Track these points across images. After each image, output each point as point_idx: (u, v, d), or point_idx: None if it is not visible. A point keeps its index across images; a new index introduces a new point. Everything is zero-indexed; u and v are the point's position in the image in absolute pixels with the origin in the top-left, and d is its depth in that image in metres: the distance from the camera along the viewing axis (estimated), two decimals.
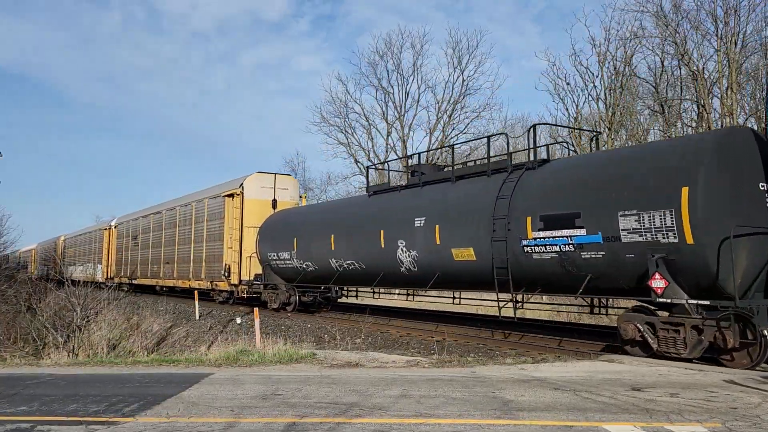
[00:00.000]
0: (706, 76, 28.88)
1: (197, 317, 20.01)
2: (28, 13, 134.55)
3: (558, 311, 19.02)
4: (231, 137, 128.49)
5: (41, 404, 6.89)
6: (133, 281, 35.55)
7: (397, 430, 5.58)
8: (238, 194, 23.84)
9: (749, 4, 27.57)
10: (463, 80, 40.18)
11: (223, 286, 24.46)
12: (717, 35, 28.18)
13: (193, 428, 5.74)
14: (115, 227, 41.64)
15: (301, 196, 25.74)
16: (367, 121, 42.83)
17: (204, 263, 26.15)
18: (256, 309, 13.08)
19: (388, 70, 42.64)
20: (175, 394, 7.28)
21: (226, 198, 24.32)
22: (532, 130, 13.40)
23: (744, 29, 28.00)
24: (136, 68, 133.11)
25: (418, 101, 42.55)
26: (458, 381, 8.06)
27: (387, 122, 41.85)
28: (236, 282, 23.50)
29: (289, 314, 20.47)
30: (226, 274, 23.55)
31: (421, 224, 14.39)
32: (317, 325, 17.10)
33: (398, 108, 41.80)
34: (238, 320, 16.38)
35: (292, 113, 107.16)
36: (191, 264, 27.68)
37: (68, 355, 11.19)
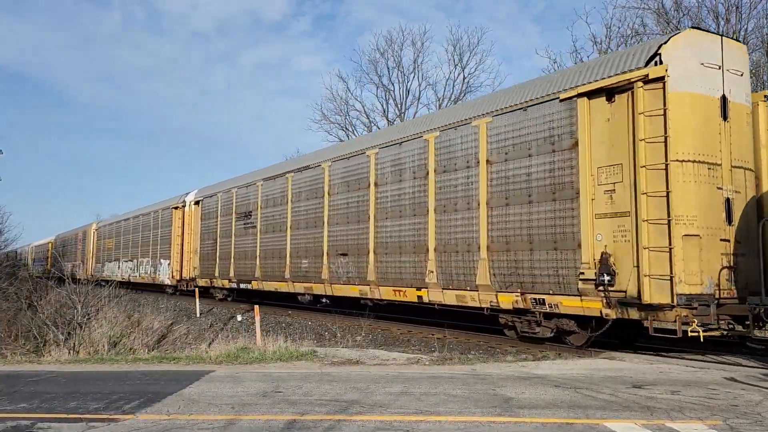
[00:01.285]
0: None
1: (198, 315, 20.01)
2: (28, 13, 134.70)
3: None
4: (231, 137, 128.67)
5: (41, 401, 6.89)
6: (244, 286, 22.05)
7: (397, 427, 5.57)
8: (656, 80, 9.62)
9: (750, 1, 27.53)
10: (464, 78, 40.06)
11: (581, 305, 10.45)
12: (718, 32, 28.14)
13: (194, 426, 5.74)
14: (197, 203, 27.27)
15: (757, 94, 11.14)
16: (368, 118, 42.76)
17: (486, 254, 12.15)
18: (256, 306, 13.07)
19: (388, 68, 42.52)
20: (176, 392, 7.27)
21: (584, 101, 10.56)
22: None
23: (745, 26, 27.95)
24: (136, 68, 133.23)
25: (419, 99, 42.46)
26: (459, 378, 8.05)
27: (387, 120, 41.78)
28: (664, 300, 9.21)
29: (289, 312, 19.59)
30: (604, 277, 9.89)
31: None
32: (318, 322, 17.10)
33: (399, 105, 41.73)
34: (239, 318, 16.39)
35: (292, 113, 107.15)
36: (426, 255, 13.59)
37: (69, 353, 11.20)
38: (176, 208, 29.17)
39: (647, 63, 9.82)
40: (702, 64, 9.98)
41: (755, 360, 9.64)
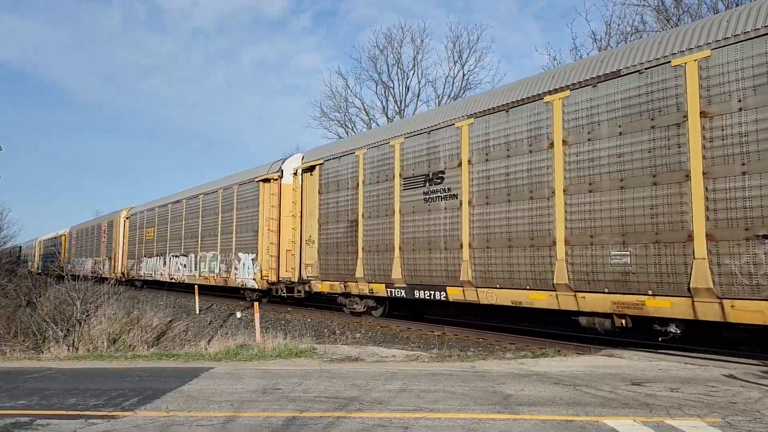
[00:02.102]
0: None
1: (197, 312, 20.02)
2: (28, 11, 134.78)
3: None
4: (231, 137, 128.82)
5: (41, 398, 6.90)
6: (425, 294, 13.52)
7: (396, 424, 5.58)
8: None
9: None
10: (464, 75, 40.04)
11: None
12: None
13: (193, 422, 5.74)
14: (309, 171, 18.25)
15: None
16: (367, 115, 42.73)
17: None
18: (256, 303, 13.08)
19: (388, 65, 42.53)
20: (175, 389, 7.27)
21: None
22: None
23: None
24: (137, 67, 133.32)
25: (419, 96, 42.46)
26: (458, 375, 8.05)
27: (387, 117, 41.75)
28: None
29: (289, 309, 19.54)
30: None
31: None
32: (317, 319, 17.10)
33: (398, 103, 41.70)
34: (238, 315, 16.40)
35: (292, 112, 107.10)
36: None
37: (68, 350, 11.20)
38: (266, 180, 20.26)
39: None
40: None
41: (754, 357, 9.65)
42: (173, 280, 28.17)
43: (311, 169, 18.22)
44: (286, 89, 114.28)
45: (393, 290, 14.65)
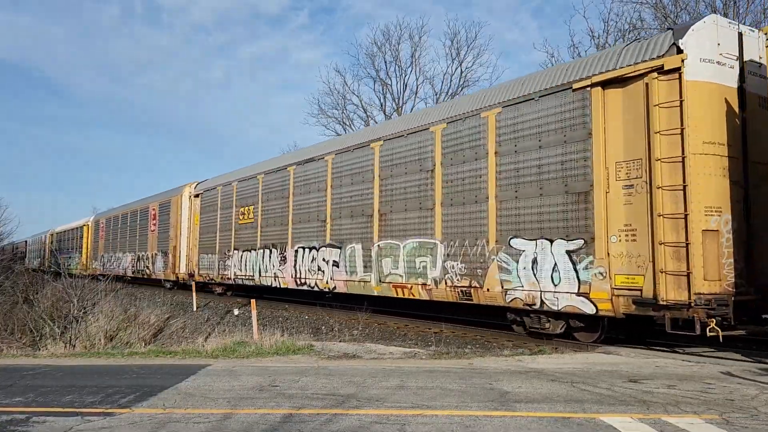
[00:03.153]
0: None
1: (194, 309, 20.01)
2: (27, 5, 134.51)
3: None
4: (229, 130, 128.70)
5: (37, 395, 6.88)
6: None
7: (394, 421, 5.57)
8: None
9: None
10: (461, 72, 39.99)
11: None
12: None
13: (190, 419, 5.73)
14: None
15: None
16: (365, 112, 42.66)
17: None
18: (253, 300, 13.05)
19: (386, 62, 42.41)
20: (172, 386, 7.26)
21: None
22: None
23: (743, 21, 27.92)
24: (135, 61, 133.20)
25: (416, 93, 42.40)
26: (455, 372, 8.05)
27: (385, 114, 41.70)
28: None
29: (286, 306, 19.55)
30: None
31: None
32: (315, 316, 17.09)
33: (396, 100, 41.66)
34: (236, 312, 16.39)
35: (291, 107, 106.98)
36: None
37: (65, 347, 11.20)
38: (617, 82, 9.66)
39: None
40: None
41: (752, 355, 9.66)
42: (305, 287, 18.07)
43: None
44: (284, 85, 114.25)
45: None
